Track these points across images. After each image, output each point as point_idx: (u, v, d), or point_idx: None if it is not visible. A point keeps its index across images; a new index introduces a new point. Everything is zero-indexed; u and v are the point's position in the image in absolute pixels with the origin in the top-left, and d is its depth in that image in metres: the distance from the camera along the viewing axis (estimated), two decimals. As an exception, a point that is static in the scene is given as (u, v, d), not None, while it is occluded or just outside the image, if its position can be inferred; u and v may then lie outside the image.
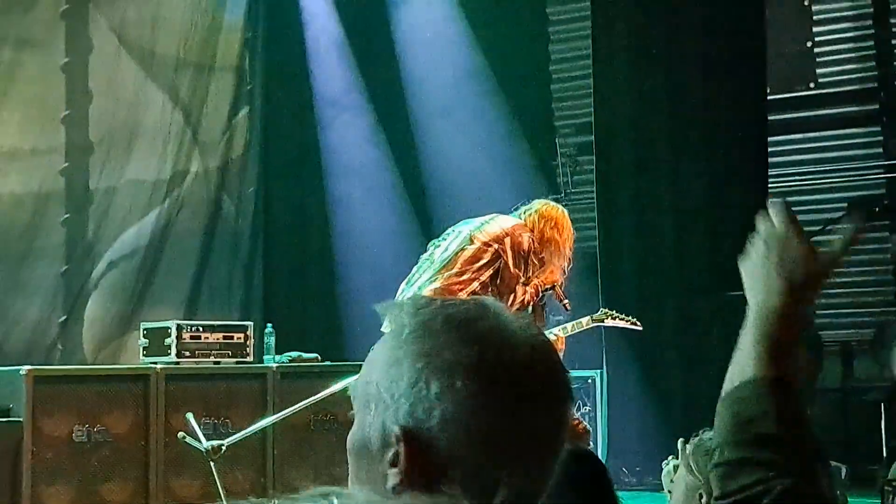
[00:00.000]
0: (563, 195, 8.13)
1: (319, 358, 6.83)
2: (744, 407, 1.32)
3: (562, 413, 1.22)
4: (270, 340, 6.94)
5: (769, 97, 7.89)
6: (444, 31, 8.22)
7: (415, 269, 5.06)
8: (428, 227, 7.31)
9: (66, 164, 8.05)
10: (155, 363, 6.42)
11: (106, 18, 8.21)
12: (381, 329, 4.02)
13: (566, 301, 5.13)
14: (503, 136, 8.18)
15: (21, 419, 5.71)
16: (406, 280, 5.05)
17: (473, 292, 4.87)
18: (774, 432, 1.30)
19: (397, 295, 5.02)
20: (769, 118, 7.86)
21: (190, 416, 5.17)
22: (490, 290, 4.92)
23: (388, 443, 1.18)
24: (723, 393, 1.37)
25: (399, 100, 8.33)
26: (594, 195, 7.92)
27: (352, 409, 1.26)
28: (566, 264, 5.11)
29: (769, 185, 7.69)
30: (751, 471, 1.29)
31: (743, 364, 1.36)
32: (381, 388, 1.20)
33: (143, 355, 6.63)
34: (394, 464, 1.17)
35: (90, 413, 5.94)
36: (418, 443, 1.16)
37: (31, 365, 6.03)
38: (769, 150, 7.79)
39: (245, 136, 8.74)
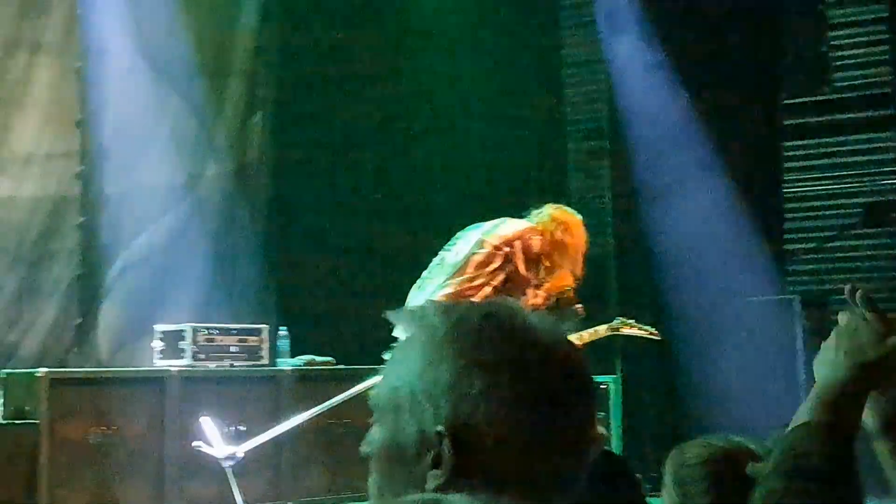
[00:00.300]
0: (575, 199, 8.12)
1: (334, 361, 6.84)
2: (796, 442, 1.36)
3: (592, 409, 1.24)
4: (285, 344, 6.96)
5: (784, 102, 7.88)
6: (456, 31, 8.22)
7: (425, 273, 5.06)
8: (443, 232, 7.31)
9: (82, 169, 8.07)
10: (170, 366, 6.44)
11: (121, 23, 8.24)
12: (394, 334, 3.98)
13: (579, 306, 5.12)
14: (515, 141, 8.18)
15: (37, 422, 5.74)
16: (416, 285, 5.05)
17: (486, 297, 4.87)
18: (822, 467, 1.32)
19: (408, 300, 5.02)
20: (784, 123, 7.85)
21: (206, 420, 5.18)
22: (502, 293, 4.91)
23: (427, 445, 1.18)
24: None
25: (409, 103, 8.33)
26: (607, 200, 7.92)
27: (369, 414, 1.25)
28: (579, 269, 5.10)
29: (784, 190, 7.68)
30: (792, 499, 1.32)
31: (800, 415, 1.40)
32: (415, 390, 1.20)
33: (159, 358, 6.65)
34: (435, 465, 1.17)
35: (106, 416, 5.96)
36: (462, 442, 1.16)
37: (47, 368, 6.06)
38: (784, 154, 7.79)
39: (259, 141, 8.75)
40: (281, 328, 7.02)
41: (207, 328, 6.67)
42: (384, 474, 1.23)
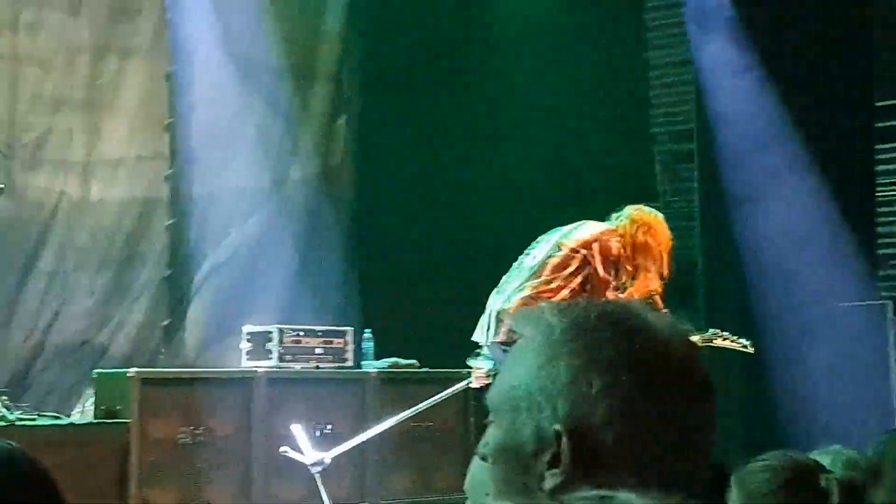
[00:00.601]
0: (661, 203, 8.04)
1: (418, 364, 6.85)
2: None
3: (713, 408, 1.23)
4: (369, 346, 6.98)
5: (877, 104, 7.71)
6: (540, 33, 8.18)
7: (504, 278, 5.04)
8: (527, 234, 7.28)
9: (170, 171, 8.19)
10: (257, 367, 6.50)
11: (209, 27, 8.35)
12: (473, 339, 3.96)
13: (666, 311, 5.05)
14: (600, 143, 8.12)
15: (128, 421, 5.83)
16: (496, 290, 5.04)
17: (563, 300, 4.83)
18: None
19: (487, 305, 5.01)
20: (877, 125, 7.69)
21: (296, 427, 5.22)
22: (580, 297, 4.88)
23: (545, 444, 1.18)
24: None
25: (493, 106, 8.32)
26: (694, 204, 7.83)
27: (452, 417, 1.26)
28: (666, 269, 5.03)
29: (876, 194, 7.52)
30: None
31: None
32: (532, 390, 1.20)
33: (246, 359, 6.72)
34: (553, 464, 1.17)
35: (194, 415, 6.03)
36: (581, 441, 1.16)
37: (137, 368, 6.15)
38: (876, 157, 7.63)
39: (344, 143, 8.81)
40: (366, 330, 7.04)
41: (294, 330, 6.73)
42: (501, 474, 1.23)
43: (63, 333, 7.49)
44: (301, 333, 6.73)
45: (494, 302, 5.02)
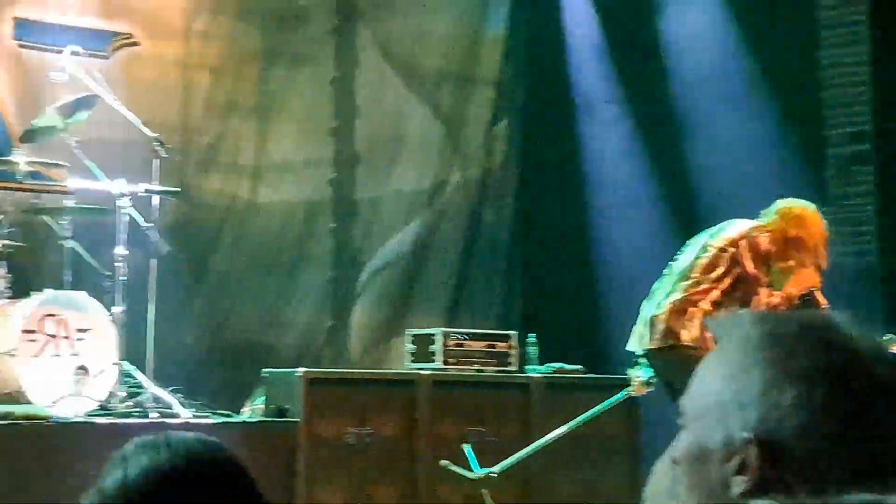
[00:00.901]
0: (835, 208, 7.76)
1: (583, 370, 6.77)
2: None
3: None
4: (533, 351, 6.94)
5: None
6: (711, 35, 8.01)
7: (655, 284, 4.97)
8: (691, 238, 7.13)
9: (334, 175, 8.32)
10: (421, 369, 6.53)
11: (372, 33, 8.45)
12: (628, 348, 3.89)
13: (826, 305, 4.87)
14: (770, 144, 7.90)
15: (297, 420, 5.91)
16: (648, 296, 4.96)
17: (715, 301, 4.73)
18: None
19: (640, 312, 4.93)
20: None
21: (467, 447, 5.22)
22: (733, 296, 4.76)
23: (732, 451, 1.18)
24: None
25: (662, 107, 8.17)
26: (870, 208, 7.53)
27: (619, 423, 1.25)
28: (823, 261, 4.87)
29: None
30: None
31: None
32: (724, 397, 1.20)
33: (410, 361, 6.75)
34: (740, 471, 1.17)
35: (360, 415, 6.09)
36: (770, 450, 1.15)
37: (304, 368, 6.24)
38: None
39: (505, 147, 8.80)
40: (529, 335, 7.00)
41: (457, 333, 6.74)
42: (690, 479, 1.23)
43: (233, 333, 7.68)
44: (465, 337, 6.74)
45: (646, 309, 4.95)
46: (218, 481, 1.45)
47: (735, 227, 4.87)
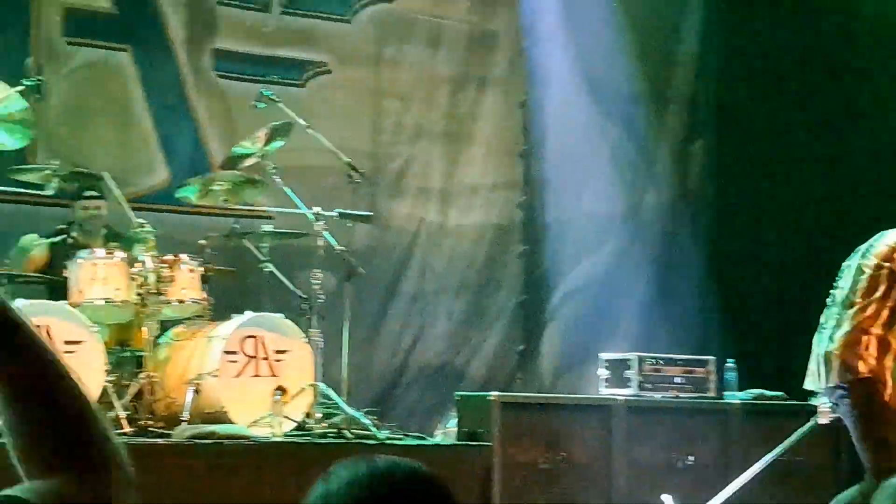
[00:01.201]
0: None
1: (785, 396, 6.48)
2: None
3: None
4: (732, 376, 6.69)
5: None
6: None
7: (822, 317, 4.73)
8: None
9: (524, 198, 8.26)
10: (616, 395, 6.38)
11: (562, 52, 8.36)
12: (805, 387, 3.67)
13: None
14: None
15: (490, 444, 5.84)
16: (817, 332, 4.73)
17: (885, 323, 4.49)
18: None
19: (812, 348, 4.70)
20: None
21: (668, 498, 5.06)
22: None
23: None
24: None
25: (853, 119, 7.80)
26: None
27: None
28: None
29: None
30: None
31: None
32: None
33: (604, 386, 6.61)
34: None
35: (554, 441, 5.98)
36: None
37: (494, 391, 6.17)
38: None
39: (699, 168, 8.55)
40: (728, 360, 6.75)
41: (653, 358, 6.56)
42: None
43: (424, 355, 7.70)
44: (660, 362, 6.55)
45: (818, 344, 4.72)
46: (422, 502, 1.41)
47: (884, 240, 4.65)
